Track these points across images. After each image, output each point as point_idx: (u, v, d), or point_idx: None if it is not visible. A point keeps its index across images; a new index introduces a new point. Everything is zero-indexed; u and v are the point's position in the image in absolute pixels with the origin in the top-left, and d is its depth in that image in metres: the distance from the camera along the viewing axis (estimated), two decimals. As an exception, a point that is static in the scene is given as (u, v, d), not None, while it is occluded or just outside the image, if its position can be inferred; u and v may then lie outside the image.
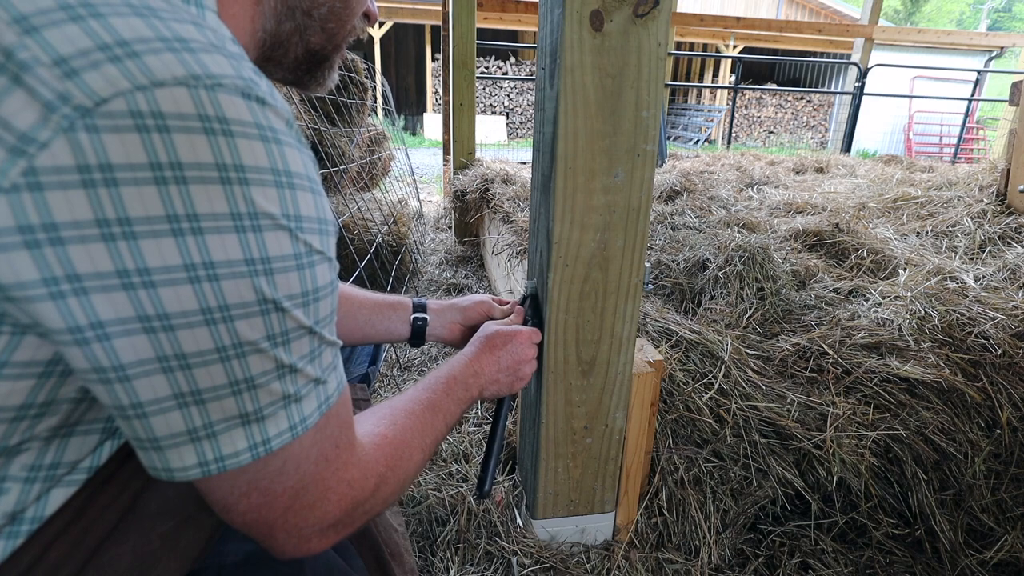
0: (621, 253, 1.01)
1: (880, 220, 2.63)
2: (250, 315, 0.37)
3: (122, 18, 0.30)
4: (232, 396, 0.38)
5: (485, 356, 0.84)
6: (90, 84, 0.29)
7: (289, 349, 0.40)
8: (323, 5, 0.54)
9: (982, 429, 1.41)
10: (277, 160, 0.36)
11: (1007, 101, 2.74)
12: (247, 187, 0.34)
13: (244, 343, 0.37)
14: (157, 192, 0.30)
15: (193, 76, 0.31)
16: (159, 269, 0.32)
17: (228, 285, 0.35)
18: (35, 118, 0.28)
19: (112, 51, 0.29)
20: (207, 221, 0.32)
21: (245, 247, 0.35)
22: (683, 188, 3.17)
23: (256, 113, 0.34)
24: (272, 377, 0.40)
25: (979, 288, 1.77)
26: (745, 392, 1.40)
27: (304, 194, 0.38)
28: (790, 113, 14.78)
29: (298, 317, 0.40)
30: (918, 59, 11.51)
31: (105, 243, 0.30)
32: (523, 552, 1.20)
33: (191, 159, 0.31)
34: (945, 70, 10.01)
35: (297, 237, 0.38)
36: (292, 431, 0.42)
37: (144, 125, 0.29)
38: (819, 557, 1.30)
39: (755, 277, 1.86)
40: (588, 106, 0.90)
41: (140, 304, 0.32)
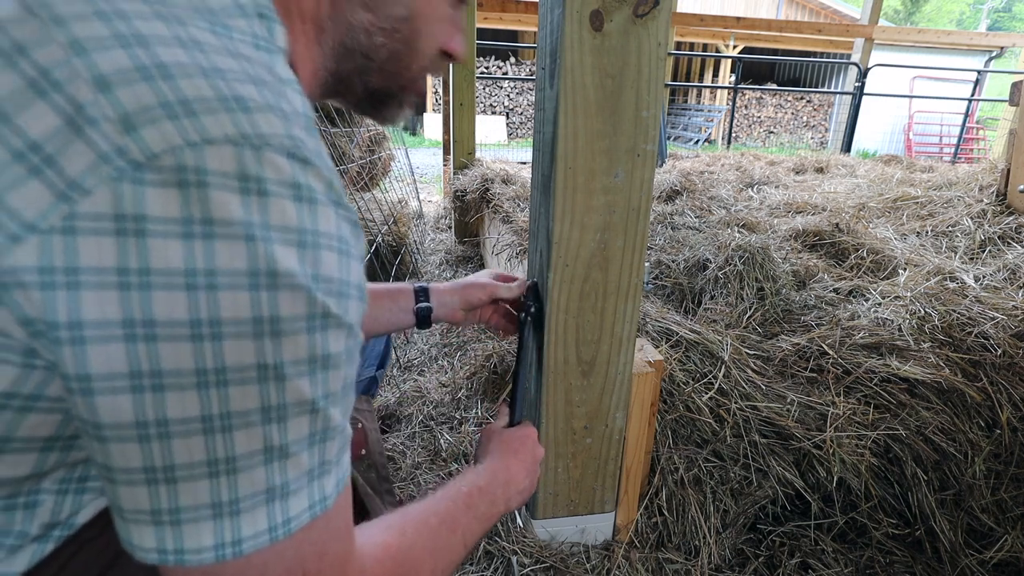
0: (621, 253, 1.01)
1: (880, 220, 2.63)
2: (246, 381, 0.34)
3: (189, 79, 0.32)
4: (207, 478, 0.34)
5: (513, 462, 0.73)
6: (146, 139, 0.30)
7: (284, 427, 0.36)
8: (382, 48, 0.53)
9: (982, 429, 1.41)
10: (306, 219, 0.35)
11: (1007, 101, 2.74)
12: (270, 245, 0.33)
13: (233, 413, 0.34)
14: (181, 245, 0.31)
15: (243, 135, 0.32)
16: (164, 323, 0.31)
17: (229, 345, 0.33)
18: (86, 167, 0.30)
19: (173, 109, 0.31)
20: (223, 277, 0.32)
21: (256, 305, 0.33)
22: (683, 188, 3.17)
23: (296, 173, 0.35)
24: (258, 461, 0.35)
25: (979, 288, 1.77)
26: (745, 392, 1.40)
27: (329, 254, 0.36)
28: (790, 113, 14.78)
29: (300, 388, 0.36)
30: (918, 59, 11.51)
31: (119, 291, 0.30)
32: (523, 552, 1.20)
33: (221, 215, 0.31)
34: (945, 70, 10.01)
35: (313, 298, 0.35)
36: (271, 534, 0.36)
37: (185, 180, 0.31)
38: (819, 557, 1.30)
39: (755, 277, 1.87)
40: (588, 106, 0.90)
41: (136, 358, 0.31)
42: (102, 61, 0.31)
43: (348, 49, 0.52)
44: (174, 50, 0.33)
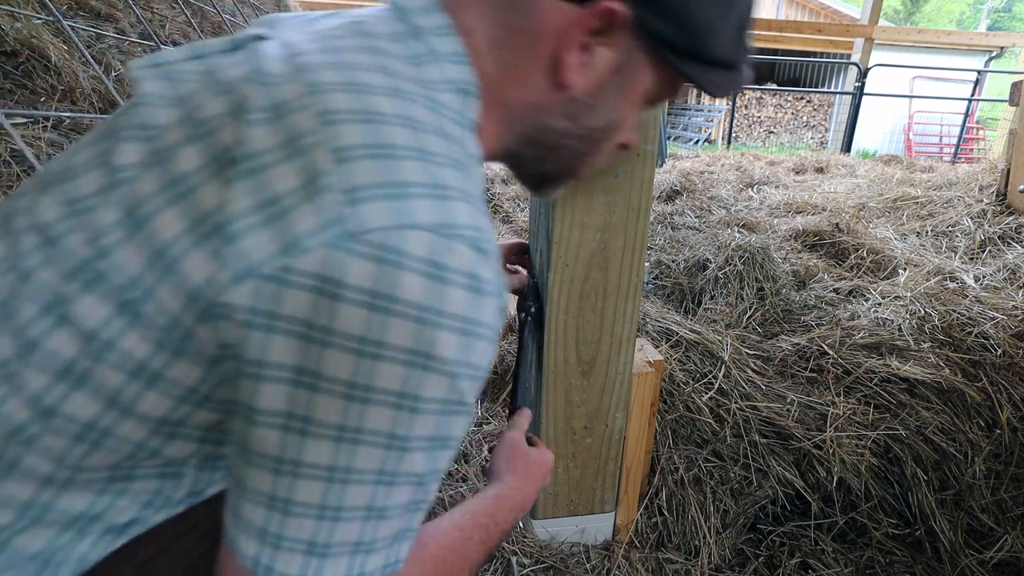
0: (621, 253, 1.01)
1: (880, 220, 2.63)
2: (375, 444, 0.37)
3: (408, 162, 0.36)
4: (315, 519, 0.37)
5: (530, 491, 0.71)
6: (363, 215, 0.34)
7: (390, 492, 0.39)
8: (569, 148, 0.55)
9: (982, 429, 1.41)
10: (473, 309, 0.37)
11: (1007, 101, 2.74)
12: (436, 330, 0.36)
13: (354, 469, 0.37)
14: (365, 315, 0.34)
15: (440, 224, 0.36)
16: (327, 377, 0.35)
17: (374, 411, 0.36)
18: (311, 229, 0.34)
19: (388, 190, 0.35)
20: (387, 350, 0.35)
21: (406, 380, 0.36)
22: (683, 188, 3.17)
23: (475, 264, 0.37)
24: (359, 516, 0.38)
25: (979, 288, 1.77)
26: (745, 392, 1.40)
27: (482, 343, 0.39)
28: (790, 113, 14.77)
29: (416, 462, 0.39)
30: (918, 59, 11.50)
31: (300, 340, 0.34)
32: (523, 552, 1.20)
33: (405, 296, 0.34)
34: (945, 70, 10.02)
35: (457, 385, 0.38)
36: None
37: (385, 258, 0.34)
38: (819, 557, 1.30)
39: (755, 277, 1.87)
40: (588, 106, 0.90)
41: (295, 402, 0.35)
42: (344, 134, 0.35)
43: (535, 141, 0.54)
44: (400, 130, 0.37)
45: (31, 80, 1.99)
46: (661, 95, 0.56)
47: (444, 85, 0.44)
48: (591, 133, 0.55)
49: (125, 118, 0.40)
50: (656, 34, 0.49)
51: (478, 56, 0.47)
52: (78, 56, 2.17)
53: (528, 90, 0.50)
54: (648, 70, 0.52)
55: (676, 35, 0.49)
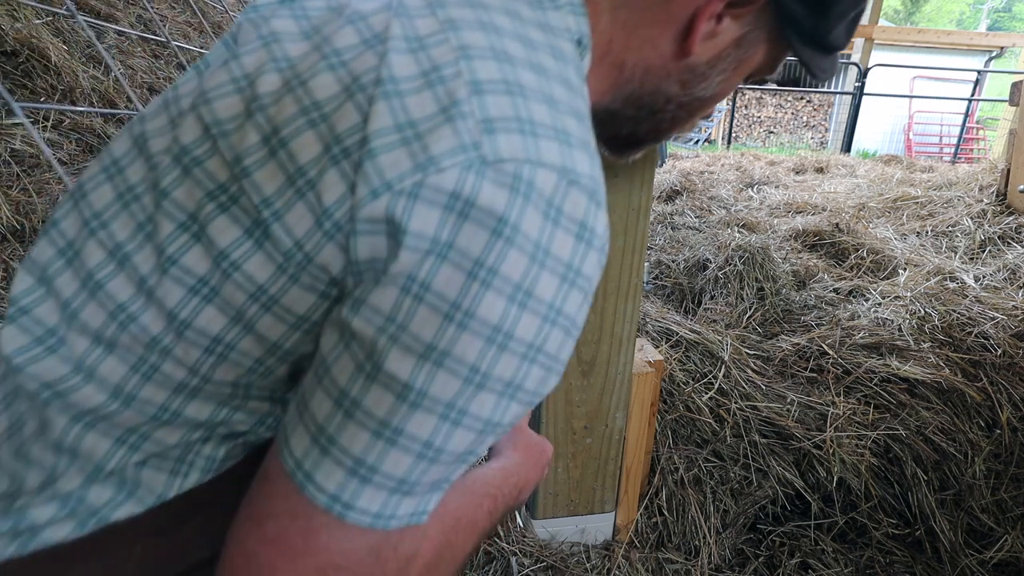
0: (621, 253, 1.01)
1: (880, 220, 2.63)
2: (455, 373, 0.36)
3: (537, 104, 0.38)
4: (371, 434, 0.36)
5: (532, 472, 0.69)
6: (498, 144, 0.35)
7: (452, 433, 0.37)
8: (669, 112, 0.56)
9: (982, 429, 1.41)
10: (578, 259, 0.38)
11: (1007, 101, 2.74)
12: (541, 270, 0.36)
13: (426, 394, 0.36)
14: (486, 238, 0.35)
15: (565, 169, 0.37)
16: (434, 290, 0.35)
17: (466, 336, 0.35)
18: (448, 149, 0.35)
19: (521, 125, 0.36)
20: (494, 276, 0.35)
21: (501, 312, 0.36)
22: (683, 188, 3.18)
23: (589, 214, 0.38)
24: (414, 448, 0.37)
25: (979, 288, 1.77)
26: (745, 392, 1.40)
27: (579, 295, 0.39)
28: (790, 113, 14.77)
29: (486, 404, 0.37)
30: (918, 59, 11.50)
31: (422, 256, 0.35)
32: (523, 552, 1.20)
33: (524, 227, 0.35)
34: (945, 70, 10.02)
35: (544, 331, 0.38)
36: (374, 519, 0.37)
37: (515, 187, 0.35)
38: (819, 557, 1.30)
39: (755, 277, 1.87)
40: (588, 106, 0.90)
41: (399, 308, 0.35)
42: (480, 69, 0.37)
43: (642, 104, 0.55)
44: (528, 73, 0.39)
45: (31, 80, 1.99)
46: (760, 72, 0.58)
47: (564, 33, 0.44)
48: (694, 101, 0.56)
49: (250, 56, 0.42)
50: (788, 14, 0.50)
51: (596, 11, 0.48)
52: (78, 56, 2.18)
53: (649, 52, 0.51)
54: (764, 46, 0.53)
55: (807, 17, 0.50)
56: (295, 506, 0.37)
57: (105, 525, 0.42)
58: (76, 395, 0.40)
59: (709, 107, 0.58)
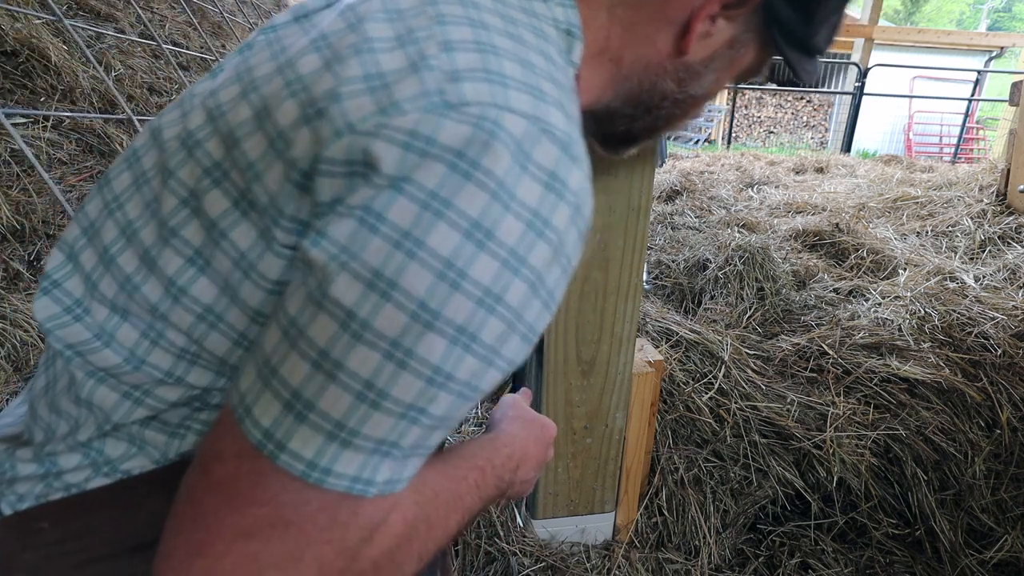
0: (621, 253, 1.01)
1: (880, 220, 2.63)
2: (402, 308, 0.34)
3: (510, 61, 0.38)
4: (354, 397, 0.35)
5: (532, 447, 0.65)
6: (464, 90, 0.36)
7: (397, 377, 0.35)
8: (664, 110, 0.57)
9: (982, 429, 1.41)
10: (546, 208, 0.37)
11: (1007, 101, 2.74)
12: (504, 211, 0.35)
13: (372, 327, 0.34)
14: (443, 171, 0.34)
15: (536, 118, 0.37)
16: (390, 222, 0.34)
17: (413, 268, 0.34)
18: (411, 95, 0.36)
19: (491, 76, 0.37)
20: (454, 213, 0.34)
21: (458, 252, 0.34)
22: (683, 188, 3.18)
23: (561, 165, 0.37)
24: (352, 388, 0.35)
25: (979, 288, 1.77)
26: (745, 392, 1.40)
27: (543, 245, 0.37)
28: (790, 113, 14.77)
29: (435, 347, 0.35)
30: (918, 59, 11.49)
31: (382, 190, 0.35)
32: (523, 552, 1.20)
33: (488, 165, 0.35)
34: (945, 70, 10.02)
35: (505, 279, 0.36)
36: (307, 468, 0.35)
37: (479, 126, 0.35)
38: (819, 557, 1.30)
39: (755, 277, 1.87)
40: (588, 106, 0.90)
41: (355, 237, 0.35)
42: (454, 32, 0.38)
43: (638, 101, 0.56)
44: (504, 39, 0.40)
45: (31, 80, 1.99)
46: (749, 72, 0.60)
47: (549, 20, 0.46)
48: (688, 99, 0.57)
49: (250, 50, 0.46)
50: (777, 17, 0.52)
51: (592, 7, 0.49)
52: (78, 56, 2.18)
53: (647, 49, 0.52)
54: (754, 48, 0.55)
55: (795, 21, 0.52)
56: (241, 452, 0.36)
57: (121, 478, 0.45)
58: (96, 356, 0.44)
59: (701, 105, 0.60)
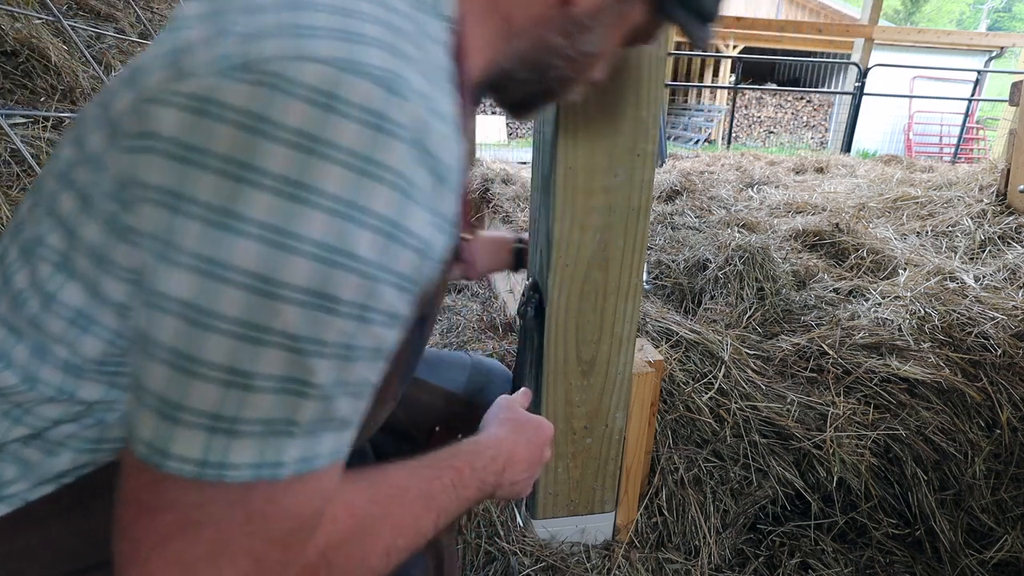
0: (621, 253, 1.01)
1: (880, 220, 2.63)
2: (209, 275, 0.34)
3: (322, 13, 0.36)
4: (169, 367, 0.34)
5: (521, 449, 0.64)
6: (253, 49, 0.34)
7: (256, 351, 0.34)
8: (558, 69, 0.57)
9: (982, 429, 1.41)
10: (372, 148, 0.33)
11: (1007, 101, 2.74)
12: (316, 159, 0.33)
13: (205, 310, 0.33)
14: (231, 132, 0.33)
15: (338, 59, 0.34)
16: (188, 195, 0.33)
17: (230, 239, 0.33)
18: (204, 61, 0.35)
19: (287, 31, 0.35)
20: (252, 173, 0.32)
21: (271, 210, 0.32)
22: (683, 188, 3.17)
23: (384, 103, 0.34)
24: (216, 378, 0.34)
25: (979, 288, 1.77)
26: (745, 392, 1.40)
27: (387, 190, 0.34)
28: (790, 113, 14.77)
29: (235, 300, 0.34)
30: (918, 59, 11.49)
31: (172, 160, 0.34)
32: (523, 551, 1.20)
33: (277, 118, 0.32)
34: (945, 70, 10.02)
35: (340, 229, 0.33)
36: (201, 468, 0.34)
37: (266, 82, 0.33)
38: (819, 557, 1.30)
39: (755, 277, 1.87)
40: (588, 106, 0.90)
41: (155, 220, 0.34)
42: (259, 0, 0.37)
43: (531, 60, 0.56)
44: None
45: (31, 80, 1.99)
46: (640, 36, 0.60)
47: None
48: (580, 57, 0.57)
49: None
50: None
51: None
52: (78, 56, 2.18)
53: (532, 2, 0.52)
54: (640, 6, 0.56)
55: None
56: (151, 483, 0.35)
57: (22, 505, 0.43)
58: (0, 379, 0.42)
59: (595, 66, 0.60)
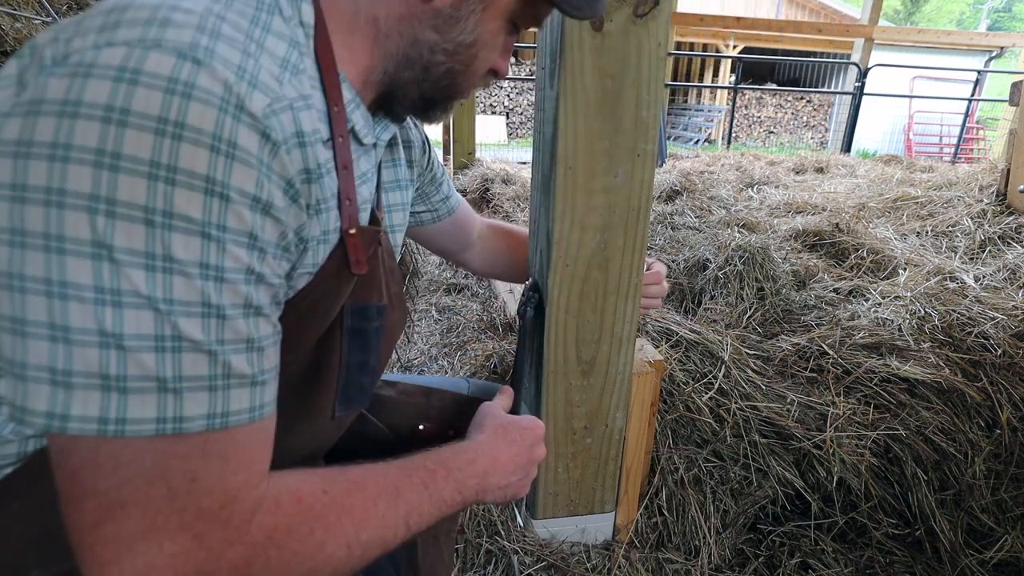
0: (621, 253, 1.01)
1: (880, 220, 2.63)
2: (80, 255, 0.36)
3: (139, 10, 0.39)
4: (47, 340, 0.36)
5: (504, 452, 0.64)
6: (69, 47, 0.37)
7: (120, 316, 0.36)
8: (441, 65, 0.57)
9: (982, 429, 1.41)
10: (172, 109, 0.36)
11: (1007, 101, 2.74)
12: (120, 127, 0.36)
13: (17, 274, 0.36)
14: (54, 122, 0.36)
15: (141, 39, 0.37)
16: (38, 143, 0.36)
17: (69, 215, 0.35)
18: (37, 72, 0.38)
19: (105, 26, 0.38)
20: (74, 151, 0.35)
21: (97, 183, 0.35)
22: (683, 188, 3.17)
23: (179, 69, 0.37)
24: (91, 340, 0.36)
25: (979, 288, 1.77)
26: (745, 392, 1.40)
27: (195, 148, 0.37)
28: (790, 113, 14.77)
29: (133, 278, 0.36)
30: (918, 59, 11.49)
31: (9, 159, 0.36)
32: (524, 551, 1.20)
33: (89, 98, 0.36)
34: (945, 70, 10.02)
35: (153, 188, 0.36)
36: (100, 425, 0.36)
37: (77, 72, 0.36)
38: (819, 557, 1.30)
39: (755, 277, 1.87)
40: (588, 106, 0.90)
41: (8, 171, 0.36)
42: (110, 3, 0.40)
43: (411, 60, 0.56)
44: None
45: (31, 80, 1.99)
46: (524, 19, 0.60)
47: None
48: (458, 49, 0.57)
49: None
50: None
51: None
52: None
53: (394, 2, 0.53)
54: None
55: None
56: (70, 465, 0.37)
57: None
58: None
59: (479, 56, 0.59)
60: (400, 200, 0.74)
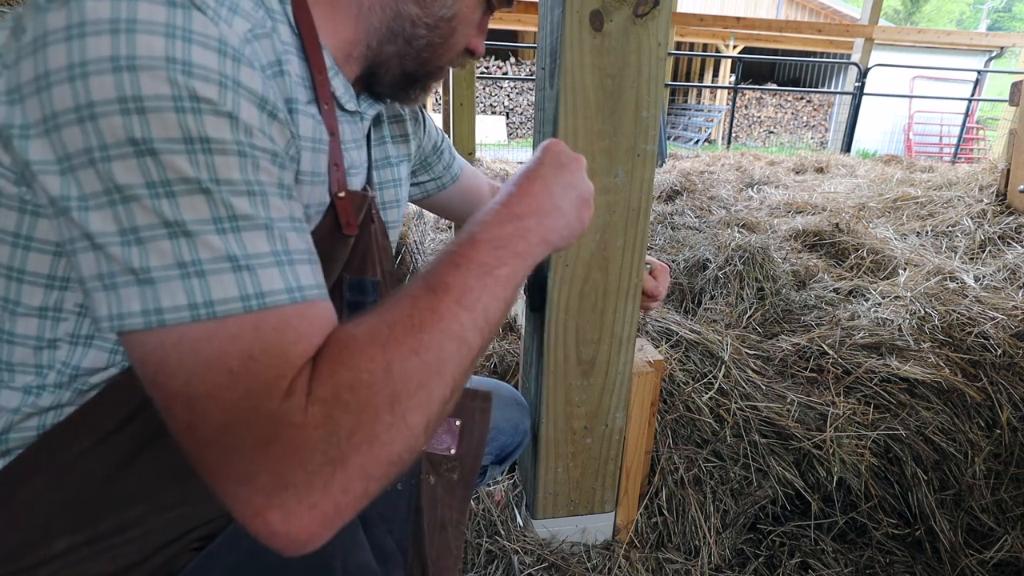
0: (621, 253, 1.01)
1: (880, 220, 2.63)
2: (124, 156, 0.37)
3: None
4: (120, 247, 0.37)
5: (537, 185, 0.54)
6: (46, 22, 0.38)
7: (176, 204, 0.38)
8: (423, 38, 0.59)
9: (982, 429, 1.41)
10: (178, 18, 0.38)
11: (1007, 101, 2.75)
12: (132, 35, 0.37)
13: (122, 187, 0.37)
14: (66, 48, 0.37)
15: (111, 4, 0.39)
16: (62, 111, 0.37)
17: (103, 124, 0.37)
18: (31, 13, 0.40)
19: None
20: (92, 66, 0.37)
21: (120, 86, 0.37)
22: (683, 188, 3.18)
23: (169, 13, 0.38)
24: (160, 234, 0.37)
25: (979, 288, 1.77)
26: (745, 392, 1.40)
27: (202, 50, 0.39)
28: (790, 113, 14.78)
29: (179, 166, 0.37)
30: (918, 59, 11.50)
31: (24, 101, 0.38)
32: (524, 551, 1.20)
33: (92, 16, 0.37)
34: (945, 70, 10.02)
35: (176, 81, 0.37)
36: (192, 311, 0.37)
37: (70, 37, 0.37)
38: (819, 557, 1.30)
39: (755, 277, 1.87)
40: (588, 106, 0.90)
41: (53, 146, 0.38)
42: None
43: (393, 33, 0.58)
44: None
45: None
46: None
47: None
48: (439, 23, 0.59)
49: None
50: None
51: None
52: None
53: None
54: None
55: None
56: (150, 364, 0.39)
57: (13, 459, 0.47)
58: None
59: (459, 30, 0.62)
60: (391, 177, 0.75)
